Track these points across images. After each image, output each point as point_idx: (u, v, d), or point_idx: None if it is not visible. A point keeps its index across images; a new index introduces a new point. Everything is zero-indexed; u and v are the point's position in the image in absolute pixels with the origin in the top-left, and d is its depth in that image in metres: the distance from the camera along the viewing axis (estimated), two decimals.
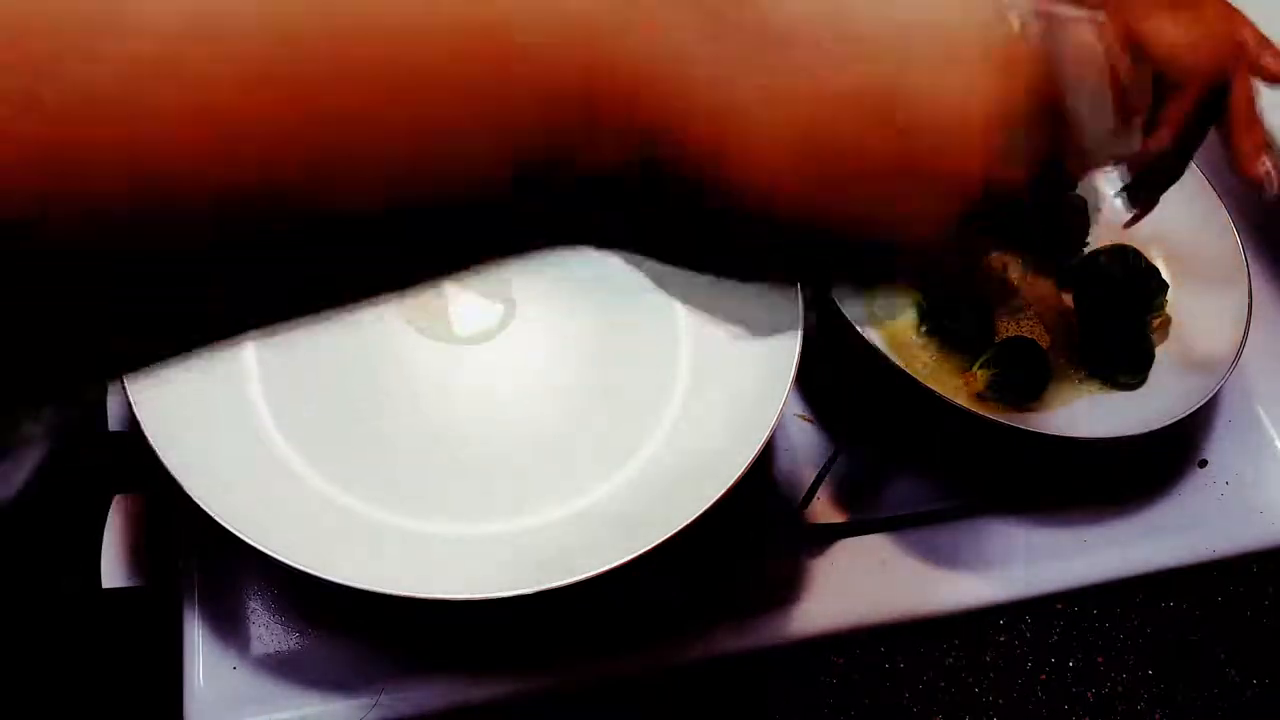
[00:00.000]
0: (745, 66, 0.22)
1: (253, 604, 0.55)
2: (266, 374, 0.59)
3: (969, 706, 0.57)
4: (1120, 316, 0.62)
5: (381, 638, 0.54)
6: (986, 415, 0.57)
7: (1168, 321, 0.65)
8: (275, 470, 0.56)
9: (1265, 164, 0.51)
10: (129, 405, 0.50)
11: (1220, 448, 0.67)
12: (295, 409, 0.58)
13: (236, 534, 0.47)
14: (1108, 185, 0.70)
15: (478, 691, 0.54)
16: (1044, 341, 0.62)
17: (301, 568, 0.47)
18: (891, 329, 0.63)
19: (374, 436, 0.58)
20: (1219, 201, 0.65)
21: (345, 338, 0.61)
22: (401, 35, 0.18)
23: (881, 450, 0.63)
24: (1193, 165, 0.66)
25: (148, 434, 0.49)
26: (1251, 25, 0.51)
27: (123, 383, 0.51)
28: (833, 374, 0.66)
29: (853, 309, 0.61)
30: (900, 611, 0.58)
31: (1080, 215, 0.65)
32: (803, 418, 0.64)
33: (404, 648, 0.54)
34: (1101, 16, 0.27)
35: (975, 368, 0.60)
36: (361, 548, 0.54)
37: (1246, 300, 0.62)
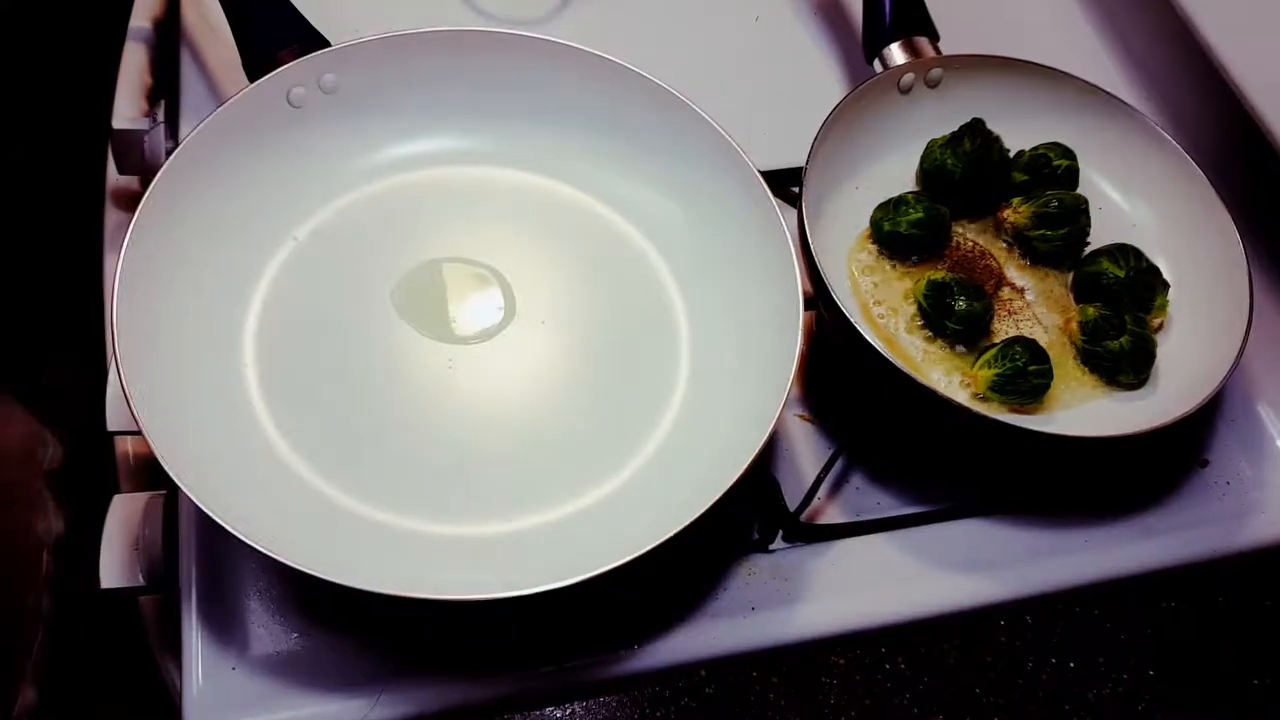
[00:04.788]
0: None
1: (252, 604, 0.55)
2: (266, 374, 0.59)
3: (969, 706, 0.57)
4: (1120, 316, 0.62)
5: (381, 638, 0.54)
6: (986, 415, 0.57)
7: (1168, 321, 0.65)
8: (275, 470, 0.56)
9: None
10: (129, 405, 0.50)
11: (1221, 448, 0.66)
12: (295, 409, 0.58)
13: (236, 534, 0.47)
14: (1109, 185, 0.70)
15: (478, 691, 0.54)
16: (1044, 341, 0.62)
17: (301, 568, 0.47)
18: (891, 329, 0.63)
19: (374, 437, 0.58)
20: (1219, 201, 0.65)
21: (345, 338, 0.61)
22: None
23: (881, 450, 0.63)
24: (1193, 165, 0.66)
25: (147, 434, 0.49)
26: None
27: (122, 383, 0.51)
28: (833, 374, 0.66)
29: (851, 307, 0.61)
30: (900, 611, 0.58)
31: (1081, 215, 0.66)
32: (803, 418, 0.64)
33: (404, 648, 0.54)
34: None
35: (975, 368, 0.60)
36: (362, 548, 0.54)
37: (1247, 300, 0.62)
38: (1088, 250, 0.66)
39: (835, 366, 0.66)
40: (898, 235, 0.64)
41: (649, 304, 0.64)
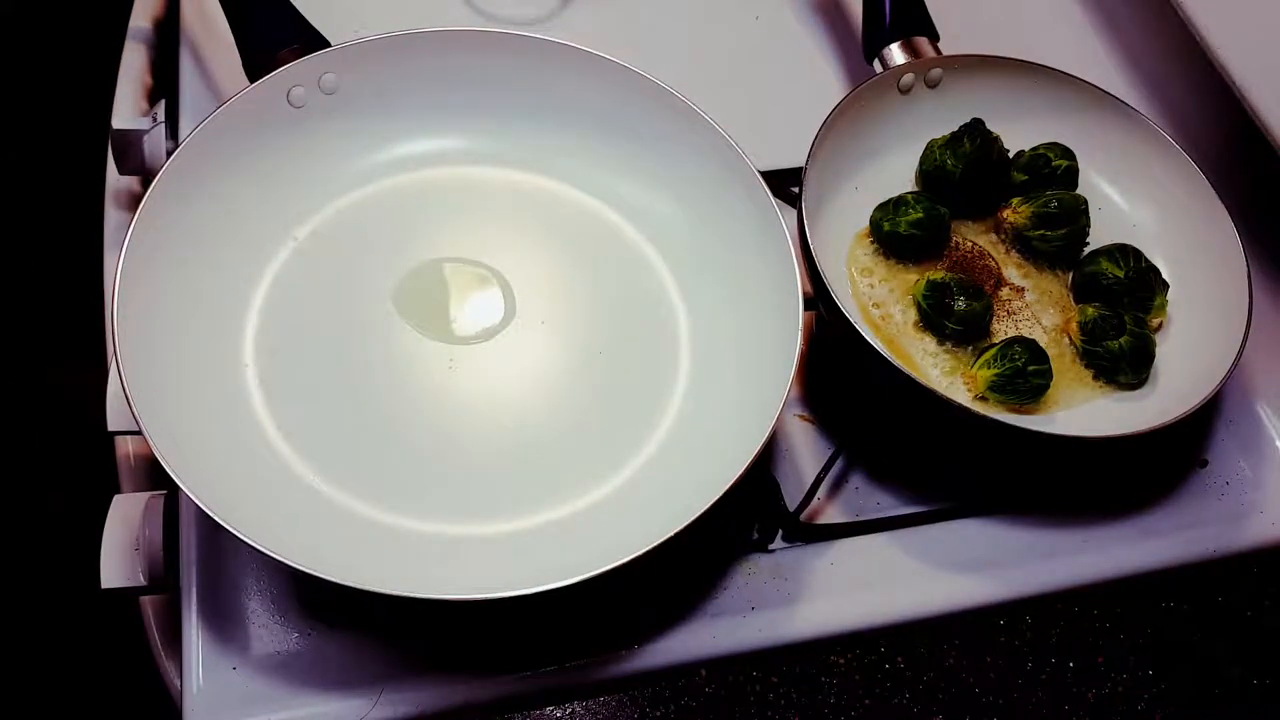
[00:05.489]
0: None
1: (253, 604, 0.55)
2: (267, 375, 0.59)
3: (969, 706, 0.57)
4: (1120, 316, 0.62)
5: (381, 638, 0.54)
6: (986, 415, 0.57)
7: (1168, 321, 0.65)
8: (275, 470, 0.56)
9: None
10: (129, 405, 0.50)
11: (1220, 448, 0.67)
12: (295, 410, 0.58)
13: (237, 534, 0.47)
14: (1109, 185, 0.70)
15: (478, 691, 0.54)
16: (1044, 341, 0.62)
17: (301, 568, 0.47)
18: (892, 329, 0.63)
19: (374, 437, 0.58)
20: (1219, 202, 0.65)
21: (345, 339, 0.61)
22: None
23: (881, 450, 0.63)
24: (1193, 165, 0.67)
25: (148, 434, 0.49)
26: None
27: (123, 383, 0.51)
28: (833, 374, 0.66)
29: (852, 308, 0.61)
30: (900, 611, 0.58)
31: (1080, 215, 0.66)
32: (803, 418, 0.64)
33: (404, 648, 0.54)
34: None
35: (975, 368, 0.60)
36: (361, 547, 0.54)
37: (1246, 300, 0.62)
38: (1087, 250, 0.66)
39: (835, 366, 0.66)
40: (897, 235, 0.64)
41: (649, 304, 0.64)
